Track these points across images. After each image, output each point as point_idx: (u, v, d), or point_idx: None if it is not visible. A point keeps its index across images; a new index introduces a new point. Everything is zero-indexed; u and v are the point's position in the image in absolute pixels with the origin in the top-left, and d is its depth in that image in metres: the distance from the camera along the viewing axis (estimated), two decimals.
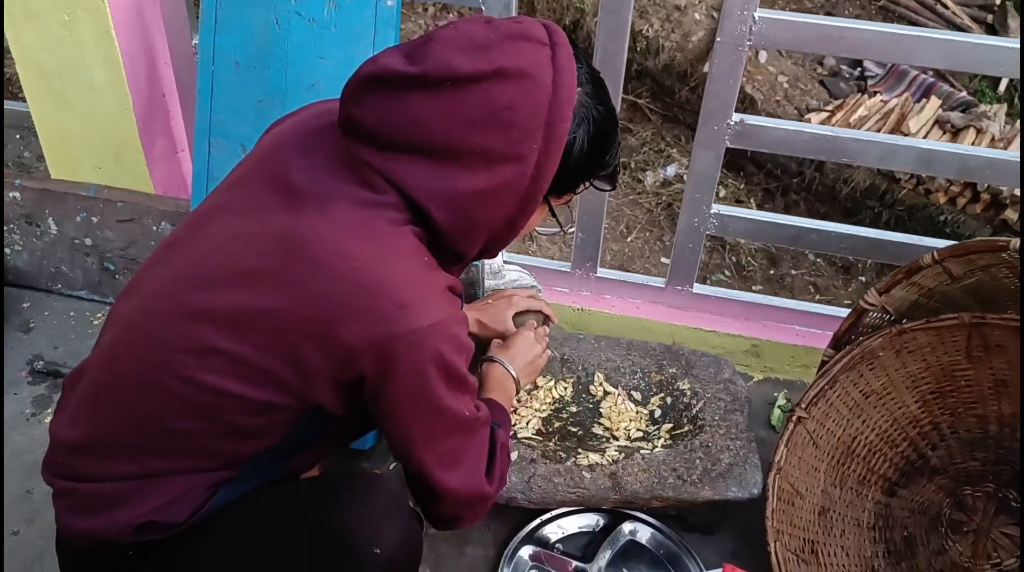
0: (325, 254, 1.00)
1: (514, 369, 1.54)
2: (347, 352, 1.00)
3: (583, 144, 1.07)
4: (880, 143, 1.68)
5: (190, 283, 1.06)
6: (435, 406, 1.07)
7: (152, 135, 1.97)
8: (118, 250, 1.99)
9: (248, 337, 1.02)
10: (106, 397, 1.11)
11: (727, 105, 1.68)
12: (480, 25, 1.03)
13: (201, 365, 1.04)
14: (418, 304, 1.01)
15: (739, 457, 1.59)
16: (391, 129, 1.01)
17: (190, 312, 1.04)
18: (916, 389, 1.59)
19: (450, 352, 1.04)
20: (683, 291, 1.95)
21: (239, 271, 1.03)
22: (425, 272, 1.05)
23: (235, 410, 1.06)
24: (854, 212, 5.00)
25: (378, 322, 0.99)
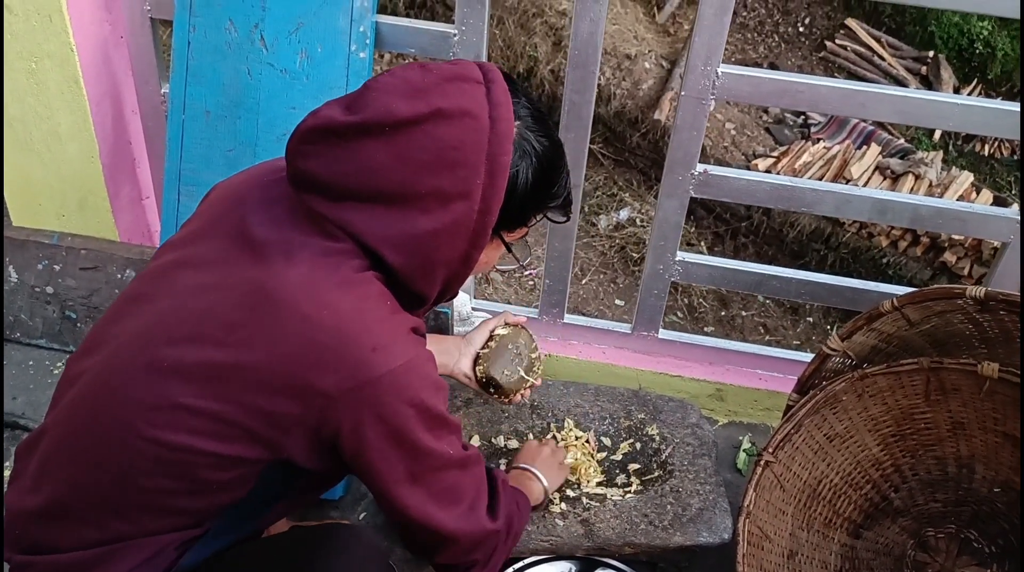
0: (294, 305, 1.00)
1: (541, 474, 1.55)
2: (324, 402, 1.00)
3: (527, 175, 1.10)
4: (836, 193, 1.74)
5: (156, 339, 1.04)
6: (417, 449, 1.06)
7: (118, 182, 1.95)
8: (80, 298, 1.96)
9: (218, 392, 1.01)
10: (69, 458, 1.08)
11: (691, 156, 1.73)
12: (416, 70, 1.05)
13: (168, 423, 1.02)
14: (389, 346, 1.01)
15: (709, 502, 1.62)
16: (341, 179, 1.02)
17: (157, 369, 1.03)
18: (878, 431, 1.63)
19: (426, 390, 1.05)
20: (648, 337, 1.99)
21: (207, 325, 1.02)
22: (391, 316, 1.05)
23: (204, 466, 1.04)
24: (800, 254, 5.14)
25: (354, 367, 0.99)
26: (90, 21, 1.78)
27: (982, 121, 1.62)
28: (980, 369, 1.49)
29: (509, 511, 1.26)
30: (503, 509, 1.24)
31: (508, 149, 1.04)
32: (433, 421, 1.07)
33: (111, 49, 1.85)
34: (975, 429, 1.56)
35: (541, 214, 1.19)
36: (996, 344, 1.51)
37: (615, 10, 5.53)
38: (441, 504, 1.13)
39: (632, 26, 5.56)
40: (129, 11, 1.81)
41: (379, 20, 1.69)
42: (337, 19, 1.67)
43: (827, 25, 6.22)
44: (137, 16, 1.81)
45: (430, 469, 1.10)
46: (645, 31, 5.61)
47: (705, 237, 5.31)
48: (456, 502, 1.15)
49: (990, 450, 1.55)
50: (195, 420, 1.01)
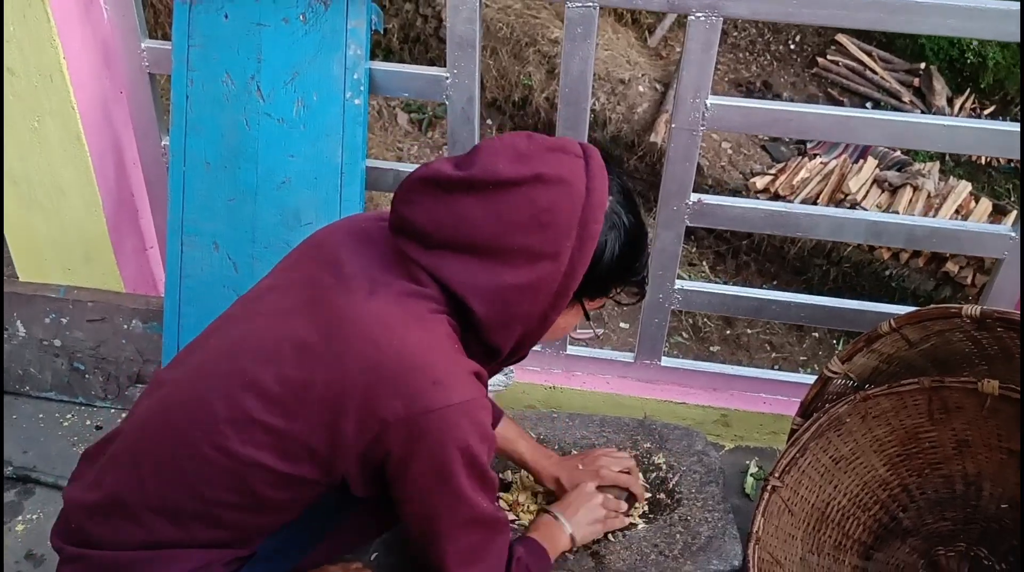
0: (365, 330, 1.07)
1: (567, 522, 1.51)
2: (380, 426, 1.05)
3: (614, 247, 1.16)
4: (830, 217, 1.76)
5: (238, 356, 1.12)
6: (455, 492, 1.10)
7: (121, 234, 1.98)
8: (88, 350, 1.98)
9: (288, 409, 1.07)
10: (138, 458, 1.14)
11: (685, 186, 1.75)
12: (523, 138, 1.13)
13: (239, 436, 1.08)
14: (450, 382, 1.07)
15: (718, 529, 1.62)
16: (439, 228, 1.10)
17: (236, 384, 1.10)
18: (883, 452, 1.64)
19: (475, 437, 1.08)
20: (651, 365, 2.00)
21: (286, 345, 1.10)
22: (456, 356, 1.11)
23: (264, 482, 1.10)
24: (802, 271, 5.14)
25: (413, 396, 1.05)
26: (90, 78, 1.81)
27: (972, 141, 1.64)
28: (981, 387, 1.49)
29: None
30: None
31: (600, 218, 1.11)
32: (475, 469, 1.10)
33: (111, 104, 1.88)
34: (980, 447, 1.57)
35: (620, 288, 1.24)
36: (996, 361, 1.52)
37: (607, 36, 5.59)
38: (462, 561, 1.16)
39: (624, 51, 5.61)
40: (128, 67, 1.84)
41: (372, 66, 1.72)
42: (331, 67, 1.70)
43: (818, 42, 6.27)
44: (136, 72, 1.85)
45: (461, 518, 1.13)
46: (638, 55, 5.66)
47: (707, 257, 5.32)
48: (472, 563, 1.17)
49: (996, 467, 1.56)
50: (264, 435, 1.08)
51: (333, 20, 1.69)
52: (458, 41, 1.67)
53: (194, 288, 1.80)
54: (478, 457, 1.10)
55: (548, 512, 1.53)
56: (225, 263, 1.78)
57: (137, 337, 1.97)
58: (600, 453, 1.66)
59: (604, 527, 1.57)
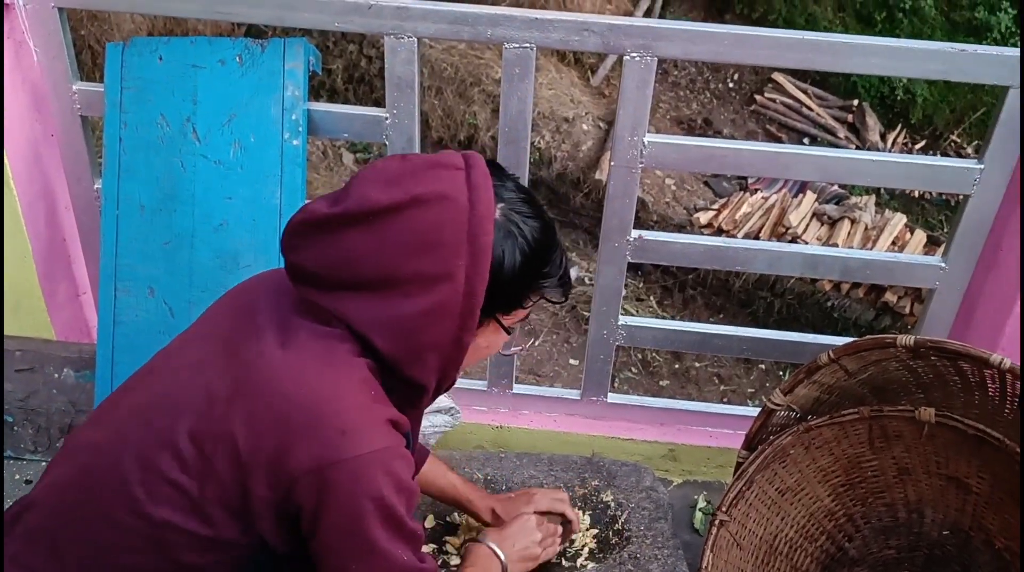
0: (275, 382, 1.04)
1: (502, 553, 1.45)
2: (289, 480, 1.02)
3: (514, 255, 1.11)
4: (768, 250, 1.79)
5: (155, 412, 1.09)
6: (370, 547, 1.05)
7: (53, 281, 1.93)
8: (17, 401, 1.91)
9: (201, 468, 1.03)
10: (55, 530, 1.09)
11: (625, 222, 1.77)
12: (395, 160, 1.10)
13: (154, 497, 1.04)
14: (360, 431, 1.02)
15: (668, 566, 1.61)
16: (329, 269, 1.06)
17: (152, 442, 1.06)
18: (827, 482, 1.65)
19: (388, 488, 1.04)
20: (598, 402, 2.00)
21: (198, 399, 1.06)
22: (370, 404, 1.07)
23: (184, 547, 1.05)
24: (748, 303, 5.23)
25: (319, 447, 1.01)
26: (19, 121, 1.77)
27: (899, 175, 1.69)
28: (918, 415, 1.52)
29: None
30: None
31: (488, 229, 1.06)
32: (390, 521, 1.06)
33: (41, 148, 1.84)
34: (920, 473, 1.59)
35: (537, 295, 1.20)
36: (932, 388, 1.55)
37: (551, 75, 5.67)
38: None
39: (568, 90, 5.70)
40: (59, 110, 1.81)
41: (311, 107, 1.72)
42: (269, 109, 1.69)
43: (755, 80, 6.44)
44: (67, 115, 1.81)
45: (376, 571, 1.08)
46: (581, 94, 5.76)
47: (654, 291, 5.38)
48: None
49: (936, 493, 1.58)
50: (179, 496, 1.04)
51: (270, 62, 1.68)
52: (396, 82, 1.67)
53: (128, 335, 1.75)
54: (392, 508, 1.05)
55: (482, 543, 1.47)
56: (161, 308, 1.74)
57: (69, 387, 1.91)
58: (533, 488, 1.65)
59: (537, 561, 1.53)
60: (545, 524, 1.56)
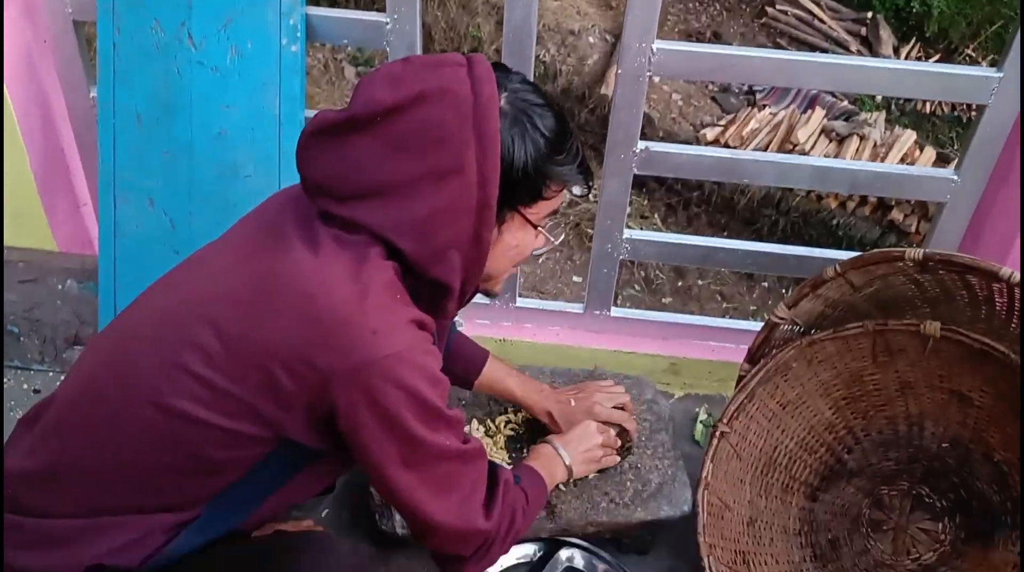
0: (301, 284, 1.04)
1: (566, 453, 1.50)
2: (320, 381, 1.03)
3: (524, 143, 1.09)
4: (776, 163, 1.76)
5: (177, 315, 1.09)
6: (410, 436, 1.07)
7: (52, 191, 1.90)
8: (22, 313, 1.92)
9: (227, 366, 1.05)
10: (75, 424, 1.11)
11: (632, 134, 1.73)
12: (399, 63, 1.10)
13: (177, 391, 1.05)
14: (389, 331, 1.04)
15: (668, 476, 1.63)
16: (341, 179, 1.07)
17: (178, 341, 1.07)
18: (829, 396, 1.66)
19: (422, 382, 1.06)
20: (601, 315, 1.99)
21: (226, 302, 1.07)
22: (395, 305, 1.07)
23: (207, 441, 1.07)
24: (752, 221, 5.18)
25: (351, 348, 1.02)
26: (11, 25, 1.72)
27: (913, 85, 1.64)
28: (923, 329, 1.52)
29: (511, 511, 1.26)
30: (500, 509, 1.23)
31: (494, 116, 1.05)
32: (427, 412, 1.08)
33: (35, 55, 1.79)
34: (922, 388, 1.59)
35: (557, 185, 1.16)
36: (938, 303, 1.54)
37: None
38: (431, 493, 1.13)
39: (574, 1, 5.54)
40: (51, 14, 1.75)
41: (310, 12, 1.66)
42: (266, 13, 1.63)
43: None
44: (59, 19, 1.76)
45: (423, 458, 1.11)
46: (587, 6, 5.60)
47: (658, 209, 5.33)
48: (446, 493, 1.15)
49: (938, 407, 1.59)
50: (203, 391, 1.05)
51: None
52: None
53: (130, 246, 1.74)
54: (428, 400, 1.07)
55: (548, 443, 1.52)
56: (161, 219, 1.72)
57: (73, 298, 1.90)
58: (594, 388, 1.64)
59: (599, 465, 1.58)
60: (609, 433, 1.58)
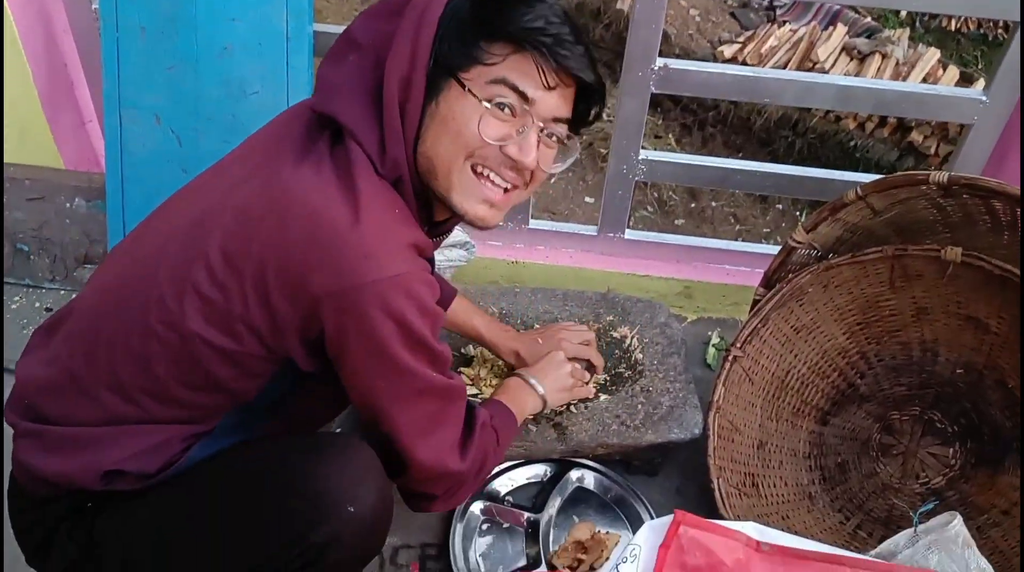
0: (304, 200, 1.02)
1: (538, 383, 1.49)
2: (311, 301, 1.02)
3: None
4: (799, 82, 1.71)
5: (192, 228, 1.08)
6: (396, 365, 1.06)
7: (56, 108, 1.87)
8: (31, 231, 1.90)
9: (229, 284, 1.03)
10: (93, 334, 1.11)
11: (650, 51, 1.68)
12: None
13: (185, 309, 1.05)
14: (381, 256, 1.01)
15: (679, 399, 1.63)
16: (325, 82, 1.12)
17: (188, 255, 1.06)
18: (843, 321, 1.65)
19: (410, 310, 1.04)
20: (615, 238, 1.97)
21: (230, 215, 1.05)
22: (394, 225, 1.05)
23: (213, 360, 1.07)
24: (768, 142, 5.10)
25: (342, 271, 1.00)
26: None
27: None
28: (943, 254, 1.49)
29: (484, 452, 1.25)
30: (475, 451, 1.23)
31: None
32: (415, 342, 1.06)
33: None
34: (938, 313, 1.58)
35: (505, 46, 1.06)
36: (959, 228, 1.51)
37: None
38: (416, 432, 1.13)
39: None
40: None
41: None
42: None
43: None
44: None
45: (408, 390, 1.10)
46: None
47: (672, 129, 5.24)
48: (429, 431, 1.15)
49: (952, 333, 1.57)
50: (209, 309, 1.04)
51: None
52: None
53: (136, 165, 1.71)
54: (416, 330, 1.05)
55: (519, 375, 1.51)
56: (168, 137, 1.69)
57: (81, 217, 1.89)
58: (559, 327, 1.65)
59: (571, 395, 1.57)
60: (574, 367, 1.57)
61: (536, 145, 1.11)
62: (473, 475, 1.24)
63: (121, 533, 1.12)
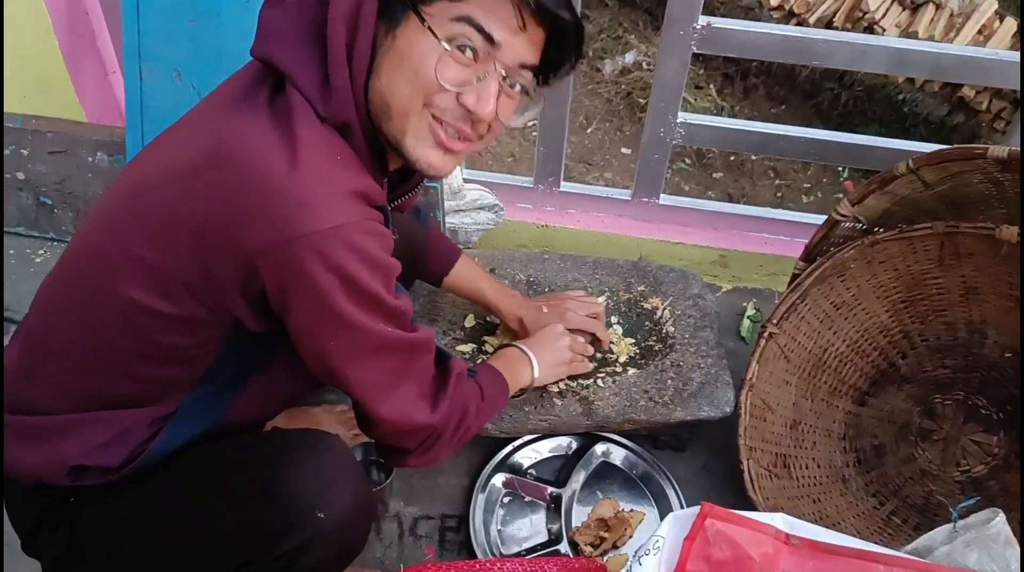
0: (235, 151, 0.93)
1: (532, 355, 1.43)
2: (248, 258, 0.94)
3: None
4: (851, 44, 1.61)
5: (132, 192, 1.03)
6: (345, 322, 0.98)
7: (78, 59, 1.82)
8: (53, 184, 1.88)
9: (161, 245, 0.98)
10: (50, 314, 1.08)
11: (692, 8, 1.59)
12: None
13: (124, 276, 1.00)
14: (317, 204, 0.92)
15: (710, 375, 1.58)
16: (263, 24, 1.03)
17: (125, 221, 1.01)
18: (886, 298, 1.57)
19: (353, 263, 0.95)
20: (649, 203, 1.90)
21: (168, 174, 0.98)
22: (333, 172, 0.96)
23: (158, 329, 1.01)
24: (812, 94, 4.93)
25: (275, 223, 0.92)
26: None
27: None
28: (998, 233, 1.41)
29: (462, 407, 1.19)
30: (449, 403, 1.16)
31: None
32: (364, 297, 0.98)
33: None
34: (989, 294, 1.50)
35: None
36: (1014, 204, 1.42)
37: None
38: (372, 387, 1.06)
39: None
40: None
41: None
42: None
43: None
44: None
45: (361, 348, 1.03)
46: None
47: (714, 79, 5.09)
48: (389, 388, 1.08)
49: (1002, 315, 1.49)
50: (144, 274, 0.99)
51: None
52: None
53: (157, 120, 1.67)
54: (361, 282, 0.96)
55: (514, 346, 1.46)
56: (189, 93, 1.64)
57: (104, 171, 1.85)
58: (566, 296, 1.59)
59: (569, 369, 1.52)
60: (575, 342, 1.52)
61: (496, 95, 1.01)
62: (452, 428, 1.17)
63: (100, 530, 1.10)
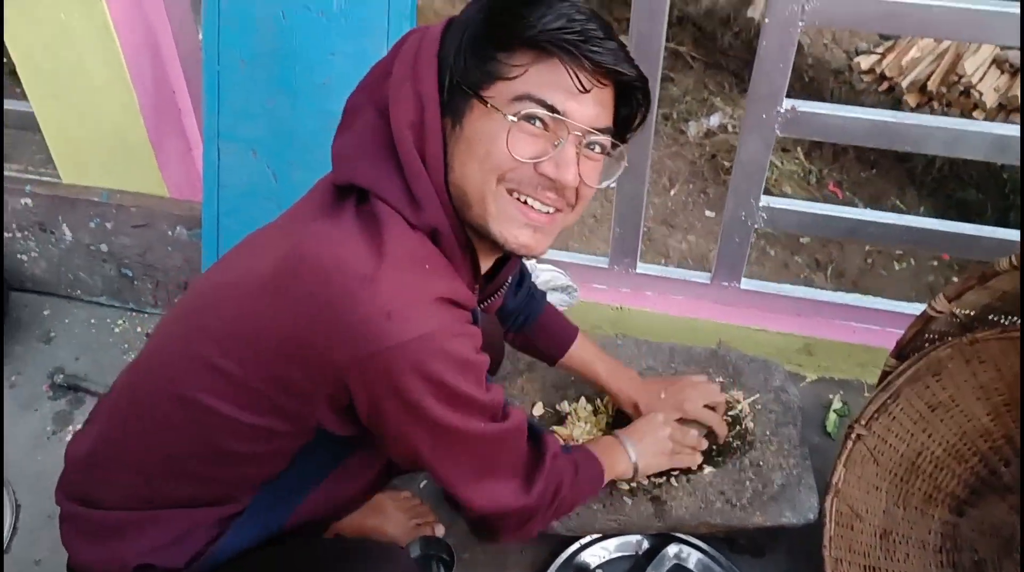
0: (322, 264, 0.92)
1: (632, 448, 1.37)
2: (335, 371, 0.92)
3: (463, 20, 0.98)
4: (947, 129, 1.52)
5: (209, 298, 1.03)
6: (439, 426, 0.97)
7: (162, 135, 1.86)
8: (136, 256, 1.91)
9: (242, 355, 0.97)
10: (121, 410, 1.08)
11: (776, 90, 1.53)
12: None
13: (196, 383, 0.99)
14: (405, 314, 0.90)
15: (792, 477, 1.48)
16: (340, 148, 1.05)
17: (202, 326, 1.01)
18: (987, 400, 1.46)
19: (447, 370, 0.93)
20: (729, 287, 1.82)
21: (246, 284, 0.98)
22: (417, 280, 0.93)
23: (227, 434, 1.00)
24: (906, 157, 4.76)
25: (363, 335, 0.90)
26: None
27: None
28: None
29: (556, 484, 1.15)
30: (544, 482, 1.12)
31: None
32: (457, 401, 0.96)
33: None
34: None
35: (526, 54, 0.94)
36: None
37: None
38: (464, 479, 1.05)
39: None
40: None
41: None
42: None
43: None
44: None
45: (454, 444, 1.01)
46: None
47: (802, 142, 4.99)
48: (481, 478, 1.06)
49: None
50: (220, 382, 0.98)
51: None
52: None
53: (232, 198, 1.68)
54: (455, 387, 0.94)
55: (613, 435, 1.40)
56: (264, 172, 1.65)
57: (183, 244, 1.88)
58: (688, 382, 1.51)
59: (671, 461, 1.44)
60: (687, 431, 1.45)
61: (576, 160, 0.97)
62: (545, 506, 1.14)
63: None
